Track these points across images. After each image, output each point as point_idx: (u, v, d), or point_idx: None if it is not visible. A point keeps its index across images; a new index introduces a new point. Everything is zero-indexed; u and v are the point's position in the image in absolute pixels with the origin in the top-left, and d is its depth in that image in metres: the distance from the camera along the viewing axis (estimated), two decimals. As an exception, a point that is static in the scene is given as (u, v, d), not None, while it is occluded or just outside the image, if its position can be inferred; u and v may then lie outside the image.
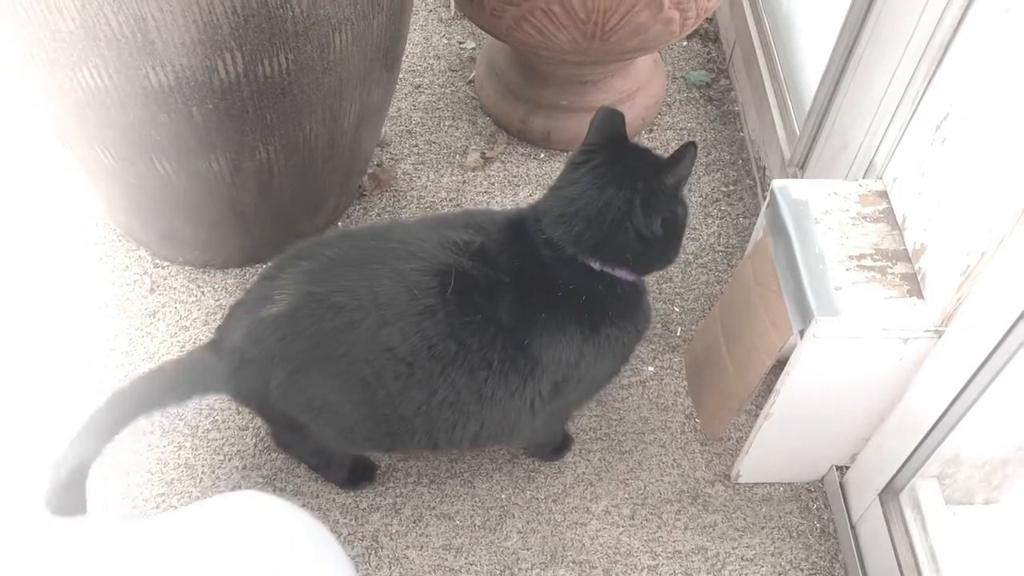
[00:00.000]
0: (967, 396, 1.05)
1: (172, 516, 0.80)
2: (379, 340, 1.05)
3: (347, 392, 1.09)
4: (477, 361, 1.07)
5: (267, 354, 1.09)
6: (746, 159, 1.76)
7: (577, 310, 1.11)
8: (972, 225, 1.00)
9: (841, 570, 1.29)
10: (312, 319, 1.06)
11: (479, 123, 1.80)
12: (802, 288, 1.10)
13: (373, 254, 1.09)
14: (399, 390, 1.07)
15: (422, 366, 1.06)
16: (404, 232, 1.12)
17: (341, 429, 1.14)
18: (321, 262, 1.10)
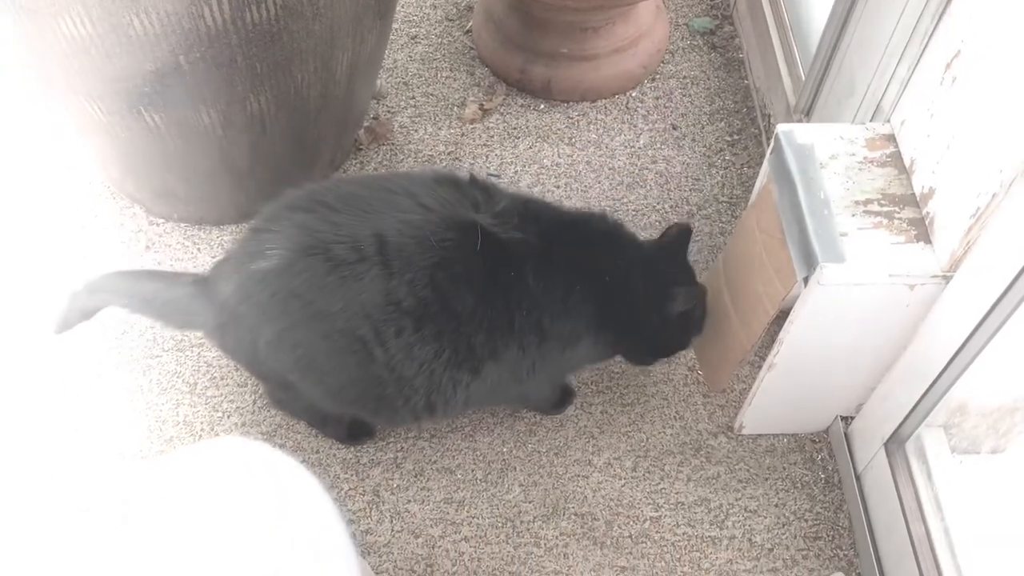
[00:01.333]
0: (975, 343, 1.03)
1: (154, 463, 0.79)
2: (383, 293, 1.01)
3: (340, 352, 1.06)
4: (499, 319, 1.06)
5: (257, 311, 1.06)
6: (751, 107, 1.73)
7: (601, 298, 1.15)
8: (983, 166, 0.97)
9: (846, 520, 1.28)
10: (307, 274, 1.02)
11: (477, 74, 1.76)
12: (807, 235, 1.08)
13: (377, 204, 1.05)
14: (401, 347, 1.04)
15: (432, 320, 1.03)
16: (410, 183, 1.08)
17: (330, 390, 1.12)
18: (318, 212, 1.05)
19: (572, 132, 1.69)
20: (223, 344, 1.14)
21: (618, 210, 1.59)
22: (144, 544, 0.69)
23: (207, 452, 0.75)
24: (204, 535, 0.69)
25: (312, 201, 1.07)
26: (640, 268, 1.19)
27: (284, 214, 1.08)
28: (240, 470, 0.74)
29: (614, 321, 1.18)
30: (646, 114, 1.72)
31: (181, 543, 0.69)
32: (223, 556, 0.68)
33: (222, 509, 0.71)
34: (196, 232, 1.53)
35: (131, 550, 0.68)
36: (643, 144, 1.68)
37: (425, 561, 1.23)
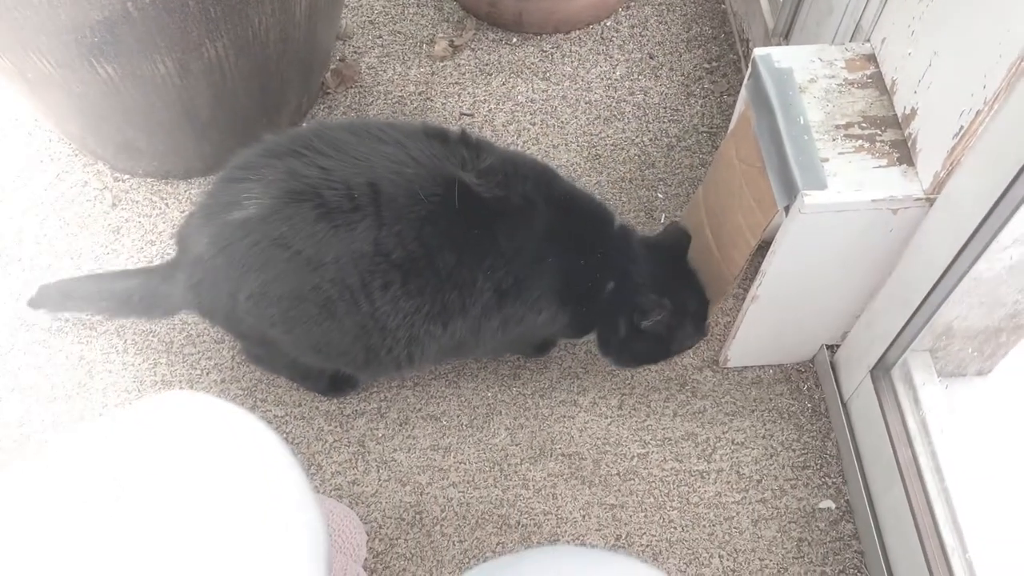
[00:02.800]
0: (959, 265, 1.01)
1: (98, 422, 0.77)
2: (373, 244, 0.99)
3: (329, 304, 1.03)
4: (467, 276, 1.04)
5: (236, 263, 1.02)
6: (728, 32, 1.67)
7: (568, 274, 1.11)
8: (965, 83, 0.94)
9: (833, 448, 1.28)
10: (294, 221, 0.98)
11: (445, 8, 1.70)
12: (786, 162, 1.05)
13: (367, 152, 1.02)
14: (388, 300, 1.02)
15: (418, 274, 1.01)
16: (400, 134, 1.05)
17: (315, 343, 1.10)
18: (307, 157, 1.01)
19: (546, 66, 1.64)
20: (199, 303, 1.11)
21: (596, 145, 1.55)
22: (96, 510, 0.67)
23: (151, 410, 0.73)
24: (155, 496, 0.67)
25: (298, 146, 1.02)
26: (619, 262, 1.15)
27: (264, 161, 1.03)
28: (187, 425, 0.72)
29: (581, 306, 1.15)
30: (622, 44, 1.67)
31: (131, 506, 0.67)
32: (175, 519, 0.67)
33: (171, 467, 0.69)
34: (163, 186, 1.49)
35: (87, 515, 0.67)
36: (620, 75, 1.63)
37: (414, 509, 1.22)
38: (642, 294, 1.13)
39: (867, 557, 1.19)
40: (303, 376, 1.27)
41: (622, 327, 1.16)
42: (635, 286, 1.14)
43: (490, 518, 1.22)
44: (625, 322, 1.15)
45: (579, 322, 1.19)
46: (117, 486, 0.67)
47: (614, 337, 1.18)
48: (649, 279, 1.15)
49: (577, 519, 1.22)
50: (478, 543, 1.20)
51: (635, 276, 1.15)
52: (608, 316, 1.17)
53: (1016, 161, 0.88)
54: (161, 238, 1.43)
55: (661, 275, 1.17)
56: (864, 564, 1.19)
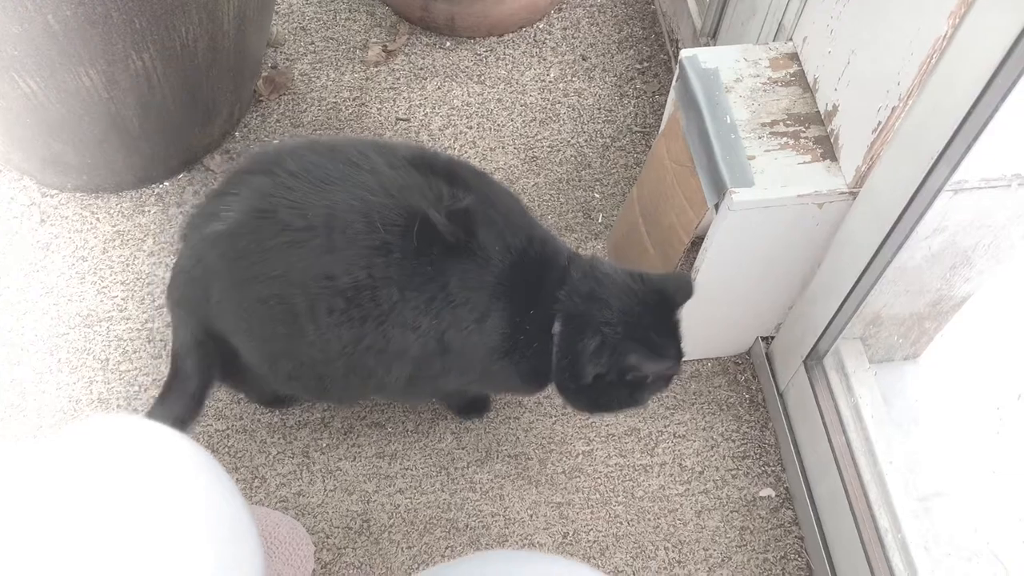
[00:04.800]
0: (883, 255, 1.05)
1: (21, 448, 0.75)
2: (320, 266, 0.97)
3: (275, 319, 1.02)
4: (414, 319, 0.99)
5: (208, 271, 1.03)
6: (659, 33, 1.70)
7: (513, 330, 1.03)
8: (881, 80, 0.98)
9: (771, 437, 1.31)
10: (254, 236, 0.99)
11: (378, 13, 1.70)
12: (715, 161, 1.07)
13: (337, 176, 0.99)
14: (332, 325, 0.99)
15: (360, 305, 0.98)
16: (381, 160, 1.01)
17: (266, 358, 1.08)
18: (278, 177, 1.00)
19: (481, 69, 1.65)
20: (188, 316, 1.09)
21: (533, 147, 1.56)
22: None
23: (78, 436, 0.71)
24: (82, 522, 0.66)
25: (272, 165, 1.02)
26: (573, 306, 1.03)
27: (243, 177, 1.04)
28: (115, 450, 0.71)
29: (527, 360, 1.06)
30: (555, 46, 1.69)
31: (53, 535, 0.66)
32: (102, 545, 0.66)
33: (98, 494, 0.68)
34: (94, 201, 1.46)
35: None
36: (554, 77, 1.65)
37: (361, 517, 1.22)
38: (595, 336, 1.02)
39: (807, 542, 1.23)
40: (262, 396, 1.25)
41: (576, 373, 1.04)
42: (593, 328, 1.02)
43: (438, 523, 1.22)
44: (577, 368, 1.04)
45: (529, 377, 1.10)
46: (44, 513, 0.66)
47: (570, 384, 1.07)
48: (616, 320, 1.02)
49: (525, 519, 1.23)
50: (427, 548, 1.21)
51: (595, 318, 1.02)
52: (562, 361, 1.05)
53: (930, 154, 0.92)
54: (92, 253, 1.40)
55: (632, 319, 1.03)
56: (804, 548, 1.23)
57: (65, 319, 1.35)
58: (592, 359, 1.02)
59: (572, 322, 1.03)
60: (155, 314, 1.35)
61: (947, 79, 0.88)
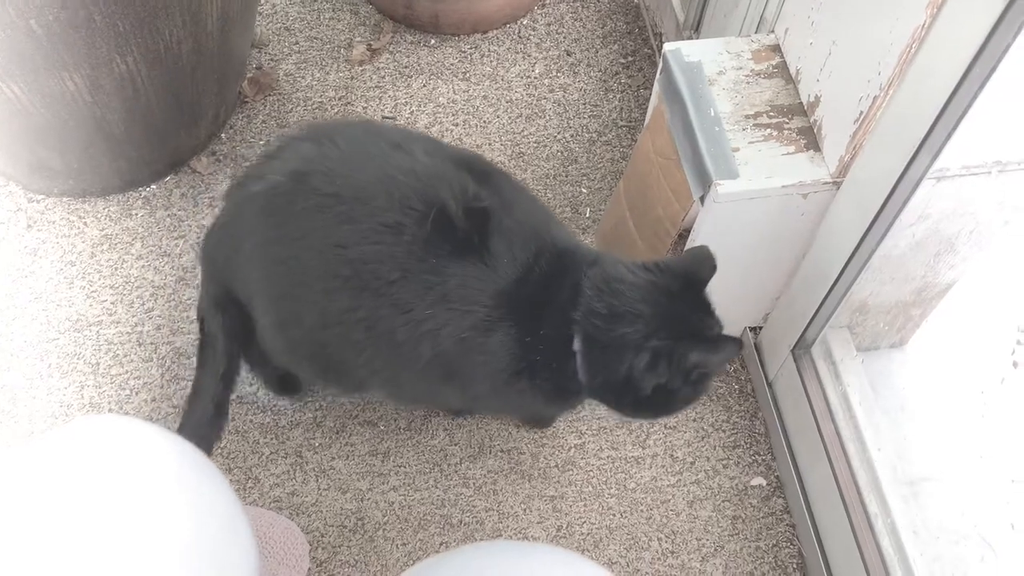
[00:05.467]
0: (868, 244, 1.06)
1: (17, 450, 0.75)
2: (337, 234, 0.98)
3: (291, 281, 1.03)
4: (407, 302, 0.97)
5: (242, 228, 1.05)
6: (642, 27, 1.71)
7: (523, 350, 0.99)
8: (862, 70, 0.99)
9: (761, 426, 1.32)
10: (287, 198, 1.01)
11: (362, 12, 1.70)
12: (699, 153, 1.08)
13: (377, 154, 1.01)
14: (331, 291, 1.00)
15: (360, 276, 0.99)
16: (421, 150, 1.02)
17: (277, 323, 1.08)
18: (322, 146, 1.03)
19: (466, 66, 1.65)
20: (215, 273, 1.11)
21: (519, 143, 1.57)
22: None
23: (71, 436, 0.71)
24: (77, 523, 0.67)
25: (322, 135, 1.05)
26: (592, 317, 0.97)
27: (292, 142, 1.06)
28: (108, 451, 0.71)
29: (543, 379, 1.01)
30: (539, 42, 1.69)
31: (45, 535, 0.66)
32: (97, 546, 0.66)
33: (93, 494, 0.68)
34: (80, 205, 1.46)
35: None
36: (539, 73, 1.65)
37: (355, 515, 1.22)
38: (640, 353, 0.96)
39: (798, 529, 1.24)
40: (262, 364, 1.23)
41: (643, 383, 0.98)
42: (634, 346, 0.96)
43: (432, 519, 1.23)
44: (631, 384, 0.98)
45: (553, 397, 1.06)
46: (35, 515, 0.66)
47: (626, 398, 1.01)
48: (655, 328, 0.96)
49: (519, 513, 1.24)
50: (421, 544, 1.21)
51: (629, 336, 0.96)
52: (596, 379, 1.00)
53: (912, 143, 0.93)
54: (81, 258, 1.40)
55: (672, 319, 0.97)
56: (796, 536, 1.24)
57: (54, 324, 1.35)
58: (648, 374, 0.96)
59: (597, 343, 0.97)
60: (144, 318, 1.35)
61: (926, 68, 0.89)
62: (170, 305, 1.37)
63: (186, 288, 1.38)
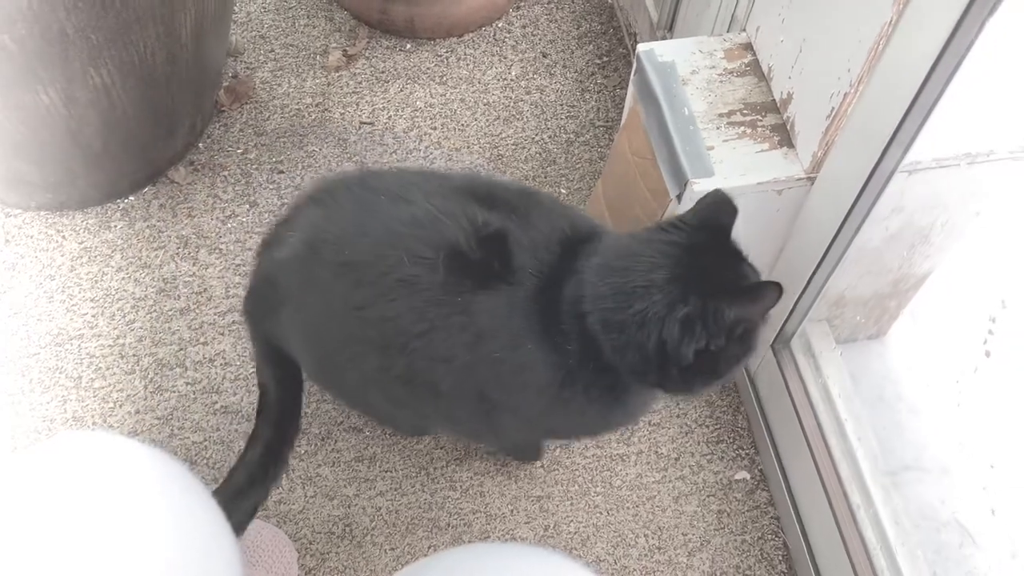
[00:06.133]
0: (843, 237, 1.07)
1: (4, 463, 0.75)
2: (354, 298, 0.97)
3: (322, 345, 1.04)
4: (440, 351, 0.94)
5: (277, 293, 1.06)
6: (617, 27, 1.72)
7: (557, 353, 0.93)
8: (833, 67, 1.00)
9: (744, 421, 1.33)
10: (306, 266, 1.01)
11: (336, 18, 1.70)
12: (675, 152, 1.09)
13: (379, 210, 0.99)
14: (358, 354, 1.00)
15: (384, 334, 0.97)
16: (422, 193, 0.99)
17: (318, 380, 1.13)
18: (328, 209, 1.02)
19: (442, 70, 1.65)
20: (256, 328, 1.14)
21: (498, 146, 1.57)
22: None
23: (51, 453, 0.71)
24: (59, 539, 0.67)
25: (327, 195, 1.04)
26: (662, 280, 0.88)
27: (301, 207, 1.06)
28: (88, 466, 0.71)
29: (607, 379, 0.94)
30: (515, 44, 1.70)
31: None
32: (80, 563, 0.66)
33: (73, 510, 0.68)
34: (59, 219, 1.45)
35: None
36: (515, 75, 1.66)
37: (343, 521, 1.23)
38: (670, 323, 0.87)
39: (783, 522, 1.25)
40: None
41: (683, 350, 0.88)
42: (661, 313, 0.87)
43: (420, 523, 1.23)
44: (669, 359, 0.89)
45: (605, 399, 0.98)
46: (14, 530, 0.66)
47: (671, 375, 0.91)
48: (681, 290, 0.87)
49: (506, 514, 1.25)
50: (410, 548, 1.22)
51: (650, 310, 0.87)
52: (632, 361, 0.91)
53: (883, 138, 0.94)
54: (60, 272, 1.40)
55: (698, 276, 0.88)
56: (781, 528, 1.25)
57: (35, 339, 1.34)
58: (685, 342, 0.86)
59: (615, 327, 0.89)
60: (126, 330, 1.35)
61: (894, 64, 0.91)
62: (151, 316, 1.36)
63: (167, 299, 1.38)
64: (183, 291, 1.39)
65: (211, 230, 1.45)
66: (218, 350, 1.34)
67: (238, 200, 1.48)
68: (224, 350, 1.34)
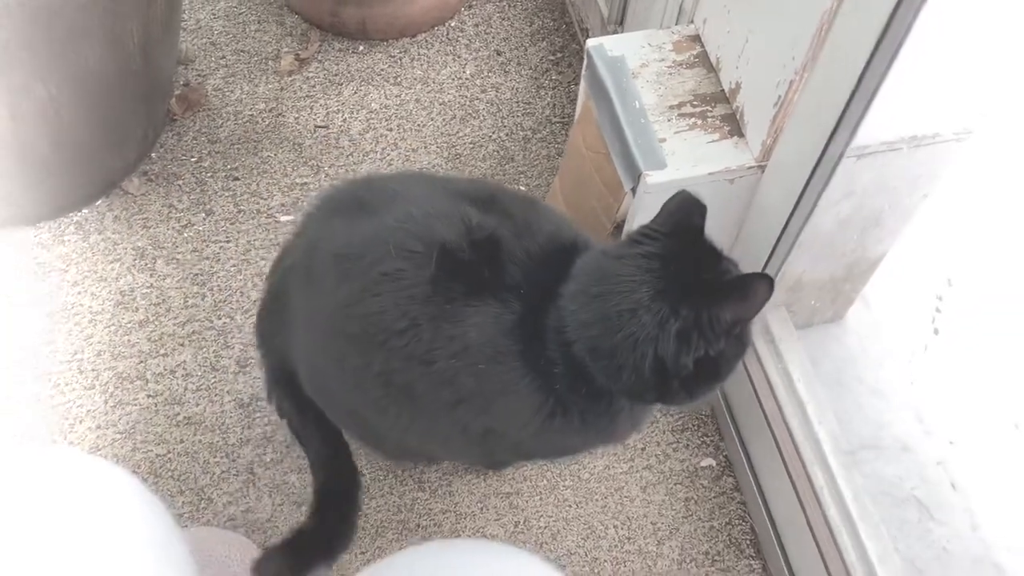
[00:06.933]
0: (795, 223, 1.09)
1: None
2: (339, 293, 0.94)
3: (317, 352, 1.02)
4: (423, 352, 0.90)
5: (281, 305, 1.06)
6: (569, 23, 1.73)
7: (544, 381, 0.90)
8: (778, 55, 1.01)
9: (708, 408, 1.35)
10: (305, 270, 1.01)
11: (288, 22, 1.69)
12: (627, 146, 1.10)
13: (374, 209, 0.97)
14: (347, 352, 0.97)
15: (367, 330, 0.93)
16: (419, 192, 0.97)
17: (314, 389, 1.07)
18: (330, 211, 1.02)
19: (396, 71, 1.65)
20: (267, 352, 1.13)
21: (455, 145, 1.57)
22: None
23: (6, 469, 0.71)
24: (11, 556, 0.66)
25: (329, 200, 1.04)
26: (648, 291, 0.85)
27: (308, 216, 1.06)
28: (43, 483, 0.71)
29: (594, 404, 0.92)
30: (468, 43, 1.70)
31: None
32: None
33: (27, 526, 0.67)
34: (11, 234, 1.42)
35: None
36: (470, 74, 1.66)
37: (312, 527, 1.22)
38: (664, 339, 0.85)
39: (749, 507, 1.27)
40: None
41: (683, 361, 0.86)
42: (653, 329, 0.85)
43: (390, 525, 1.23)
44: (668, 372, 0.87)
45: (592, 425, 0.95)
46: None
47: (671, 387, 0.88)
48: (672, 303, 0.85)
49: (476, 512, 1.25)
50: (380, 551, 1.21)
51: (644, 331, 0.85)
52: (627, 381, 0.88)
53: (829, 124, 0.95)
54: (15, 290, 1.37)
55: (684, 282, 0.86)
56: (747, 513, 1.27)
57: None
58: (682, 355, 0.85)
59: (604, 354, 0.87)
60: (83, 344, 1.33)
61: (837, 50, 0.92)
62: (110, 330, 1.35)
63: (125, 311, 1.36)
64: (141, 303, 1.37)
65: (167, 240, 1.43)
66: (179, 361, 1.33)
67: (194, 209, 1.47)
68: (185, 361, 1.33)
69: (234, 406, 1.30)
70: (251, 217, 1.46)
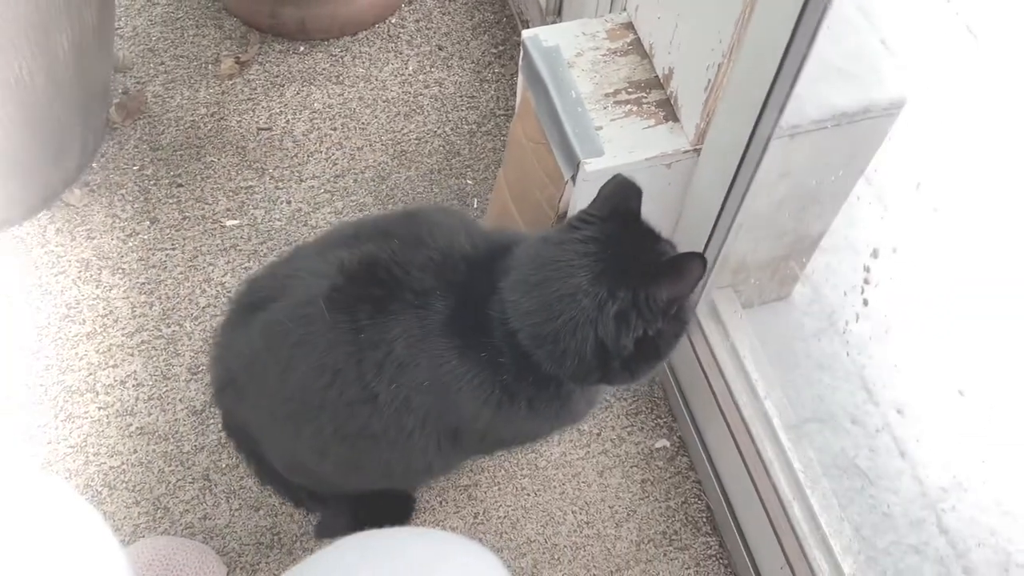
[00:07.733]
0: (731, 204, 1.10)
1: None
2: (266, 390, 0.97)
3: (279, 444, 1.05)
4: (356, 394, 0.90)
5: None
6: (509, 16, 1.73)
7: (489, 373, 0.91)
8: (706, 40, 1.03)
9: (660, 391, 1.36)
10: (231, 391, 1.05)
11: (226, 26, 1.67)
12: (565, 135, 1.11)
13: (262, 303, 0.98)
14: (286, 419, 0.97)
15: (302, 398, 0.94)
16: (304, 261, 0.99)
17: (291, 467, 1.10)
18: (226, 336, 1.05)
19: (338, 70, 1.65)
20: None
21: (400, 142, 1.57)
22: None
23: None
24: None
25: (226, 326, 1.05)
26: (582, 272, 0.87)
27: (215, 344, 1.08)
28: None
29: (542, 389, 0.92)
30: (410, 39, 1.70)
31: None
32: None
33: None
34: (-50, 252, 1.40)
35: None
36: (412, 70, 1.66)
37: (271, 531, 1.22)
38: (604, 322, 0.86)
39: (704, 485, 1.29)
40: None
41: (623, 341, 0.87)
42: (590, 317, 0.86)
43: (349, 523, 1.23)
44: (610, 352, 0.88)
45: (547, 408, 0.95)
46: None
47: (612, 368, 0.90)
48: (608, 287, 0.86)
49: (435, 506, 1.25)
50: (340, 550, 1.21)
51: (583, 314, 0.86)
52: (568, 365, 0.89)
53: (756, 105, 0.97)
54: (-44, 307, 1.36)
55: (622, 265, 0.87)
56: (703, 491, 1.29)
57: (-65, 378, 1.30)
58: (622, 336, 0.86)
59: (548, 341, 0.88)
60: (31, 359, 1.32)
61: (759, 31, 0.94)
62: (57, 344, 1.33)
63: (72, 324, 1.35)
64: (88, 315, 1.36)
65: (112, 250, 1.42)
66: (129, 371, 1.32)
67: (138, 218, 1.45)
68: (135, 371, 1.32)
69: (187, 413, 1.29)
70: (196, 223, 1.45)
